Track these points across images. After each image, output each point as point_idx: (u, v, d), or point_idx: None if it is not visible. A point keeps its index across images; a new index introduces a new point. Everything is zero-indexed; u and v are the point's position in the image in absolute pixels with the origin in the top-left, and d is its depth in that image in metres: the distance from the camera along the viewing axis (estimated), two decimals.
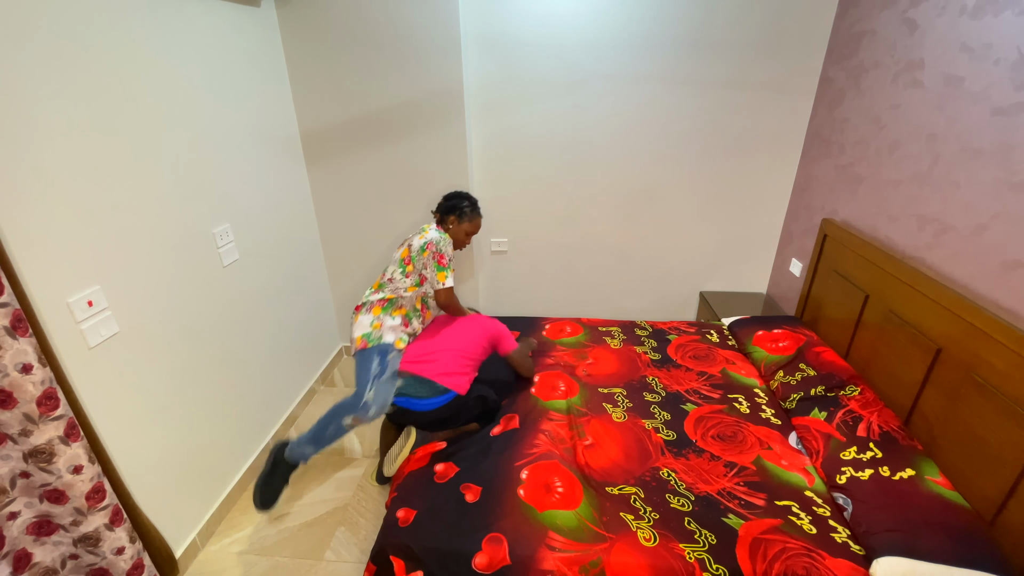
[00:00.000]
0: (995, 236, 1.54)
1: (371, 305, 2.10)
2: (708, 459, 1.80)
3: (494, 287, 3.20)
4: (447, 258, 2.09)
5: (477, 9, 2.44)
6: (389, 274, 2.15)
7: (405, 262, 2.10)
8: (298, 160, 2.71)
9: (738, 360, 2.37)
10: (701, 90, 2.56)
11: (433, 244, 2.08)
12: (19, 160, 1.28)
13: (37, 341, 1.29)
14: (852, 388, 1.91)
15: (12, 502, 1.32)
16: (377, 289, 2.15)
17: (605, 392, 2.16)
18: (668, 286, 3.11)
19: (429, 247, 2.07)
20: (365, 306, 2.11)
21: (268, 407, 2.48)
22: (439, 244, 2.08)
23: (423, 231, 2.15)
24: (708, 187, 2.80)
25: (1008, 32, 1.51)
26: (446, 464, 1.79)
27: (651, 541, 1.47)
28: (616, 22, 2.44)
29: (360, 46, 2.47)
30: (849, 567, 1.39)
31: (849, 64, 2.27)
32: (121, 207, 1.59)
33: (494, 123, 2.70)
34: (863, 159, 2.17)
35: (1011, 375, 1.41)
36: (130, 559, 1.54)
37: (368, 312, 2.09)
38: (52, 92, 1.36)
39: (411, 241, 2.13)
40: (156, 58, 1.71)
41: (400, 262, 2.11)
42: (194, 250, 1.92)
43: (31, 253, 1.32)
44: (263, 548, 1.99)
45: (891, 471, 1.58)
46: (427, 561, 1.47)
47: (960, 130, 1.68)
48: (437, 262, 2.07)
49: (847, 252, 2.21)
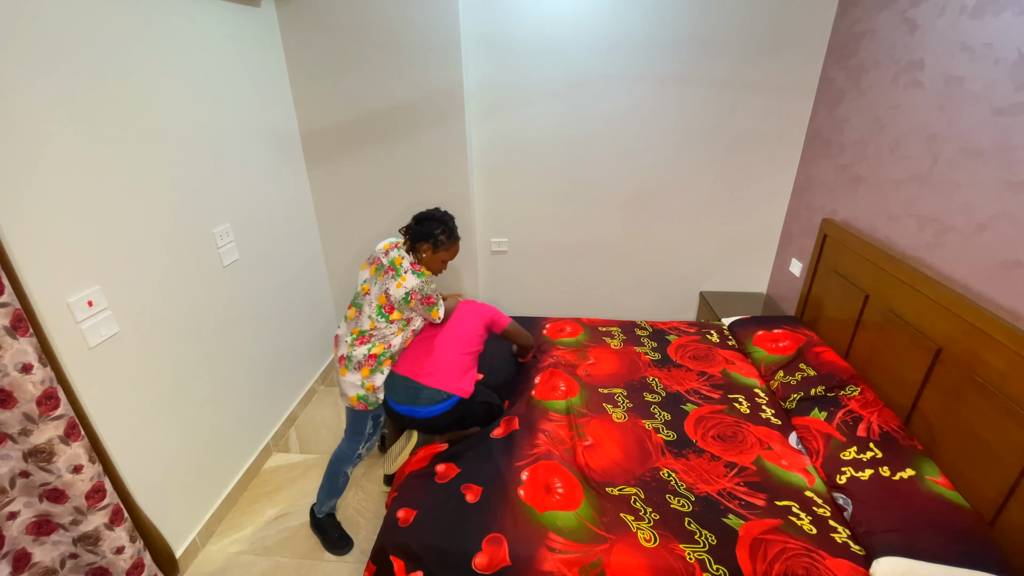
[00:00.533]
0: (995, 236, 1.54)
1: (359, 364, 1.83)
2: (708, 459, 1.80)
3: (494, 287, 3.20)
4: (434, 297, 1.86)
5: (477, 9, 2.44)
6: (368, 320, 1.84)
7: (385, 309, 1.82)
8: (298, 160, 2.71)
9: (738, 360, 2.37)
10: (701, 90, 2.56)
11: (417, 293, 1.80)
12: (19, 160, 1.28)
13: (37, 341, 1.29)
14: (852, 388, 1.91)
15: (12, 502, 1.32)
16: (360, 339, 1.84)
17: (605, 392, 2.16)
18: (668, 286, 3.11)
19: (413, 296, 1.80)
20: (351, 363, 1.83)
21: (268, 407, 2.48)
22: (423, 290, 1.82)
23: (396, 269, 1.82)
24: (708, 187, 2.80)
25: (1008, 32, 1.51)
26: (447, 465, 1.79)
27: (651, 542, 1.47)
28: (616, 22, 2.44)
29: (360, 46, 2.47)
30: (849, 567, 1.39)
31: (849, 64, 2.27)
32: (121, 207, 1.59)
33: (494, 123, 2.70)
34: (863, 159, 2.17)
35: (1011, 375, 1.41)
36: (130, 558, 1.54)
37: (356, 371, 1.83)
38: (52, 92, 1.36)
39: (387, 286, 1.80)
40: (156, 58, 1.71)
41: (379, 310, 1.82)
42: (194, 250, 1.92)
43: (31, 253, 1.32)
44: (263, 548, 1.99)
45: (891, 471, 1.58)
46: (427, 561, 1.47)
47: (960, 130, 1.68)
48: (425, 304, 1.84)
49: (847, 252, 2.21)
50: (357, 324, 1.85)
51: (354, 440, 1.94)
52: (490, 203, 2.92)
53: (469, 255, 2.96)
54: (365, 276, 1.90)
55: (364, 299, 1.86)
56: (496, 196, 2.89)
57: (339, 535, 2.00)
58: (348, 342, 1.85)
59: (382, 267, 1.85)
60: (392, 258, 1.86)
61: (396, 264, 1.84)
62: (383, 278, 1.83)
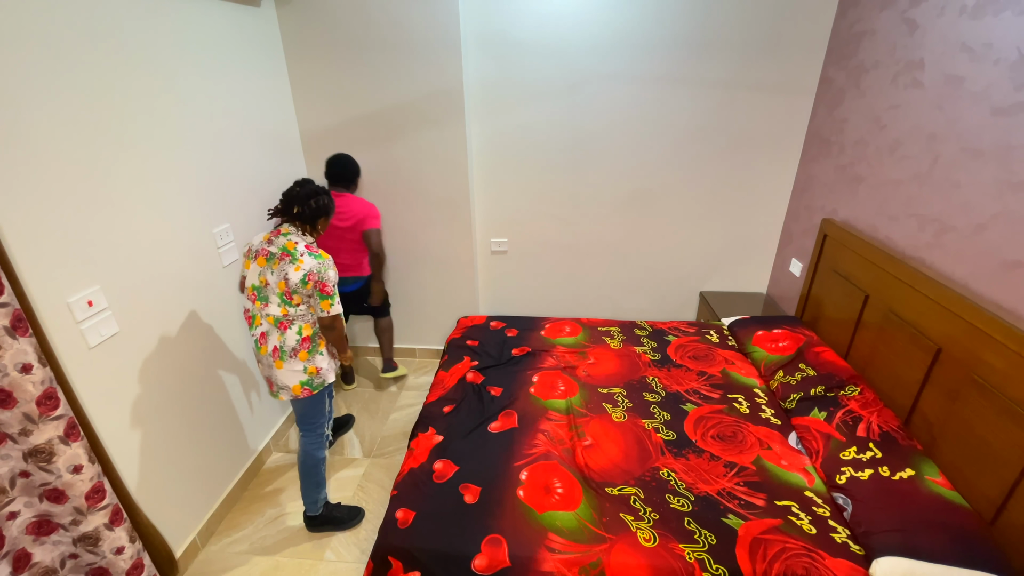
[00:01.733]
0: (995, 236, 1.54)
1: (293, 351, 1.77)
2: (708, 459, 1.80)
3: (494, 287, 3.20)
4: (331, 286, 1.75)
5: (477, 9, 2.44)
6: (278, 308, 1.75)
7: (286, 296, 1.73)
8: (298, 160, 2.71)
9: (738, 360, 2.37)
10: (701, 90, 2.56)
11: (314, 274, 1.71)
12: (19, 160, 1.29)
13: (37, 341, 1.29)
14: (852, 388, 1.91)
15: (12, 502, 1.33)
16: (281, 324, 1.76)
17: (605, 392, 2.16)
18: (668, 286, 3.11)
19: (310, 278, 1.70)
20: (285, 353, 1.77)
21: (268, 407, 2.48)
22: (321, 273, 1.72)
23: (292, 253, 1.72)
24: (708, 187, 2.80)
25: (1008, 32, 1.51)
26: (444, 462, 1.79)
27: (651, 541, 1.47)
28: (616, 22, 2.44)
29: (360, 46, 2.47)
30: (849, 567, 1.39)
31: (849, 64, 2.27)
32: (121, 207, 1.59)
33: (494, 123, 2.70)
34: (863, 159, 2.17)
35: (1011, 375, 1.41)
36: (130, 559, 1.55)
37: (294, 358, 1.78)
38: (51, 92, 1.36)
39: (285, 272, 1.71)
40: (156, 58, 1.71)
41: (281, 297, 1.73)
42: (194, 250, 1.93)
43: (31, 253, 1.32)
44: (263, 548, 1.99)
45: (891, 471, 1.58)
46: (426, 563, 1.47)
47: (960, 130, 1.68)
48: (320, 291, 1.73)
49: (847, 252, 2.21)
50: (269, 313, 1.76)
51: (311, 430, 1.94)
52: (490, 203, 2.92)
53: (469, 255, 2.96)
54: (257, 270, 1.77)
55: (266, 290, 1.75)
56: (496, 196, 2.89)
57: (346, 512, 2.06)
58: (276, 332, 1.77)
59: (273, 256, 1.74)
60: (282, 244, 1.75)
61: (289, 249, 1.74)
62: (278, 265, 1.73)
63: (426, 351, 3.31)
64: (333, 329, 1.84)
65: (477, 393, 2.17)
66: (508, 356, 2.45)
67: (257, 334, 1.80)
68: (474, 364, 2.37)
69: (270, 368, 1.81)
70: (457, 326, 2.79)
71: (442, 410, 2.08)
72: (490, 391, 2.17)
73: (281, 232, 1.78)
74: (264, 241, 1.79)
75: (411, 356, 3.33)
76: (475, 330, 2.70)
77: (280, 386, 1.81)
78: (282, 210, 1.79)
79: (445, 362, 2.44)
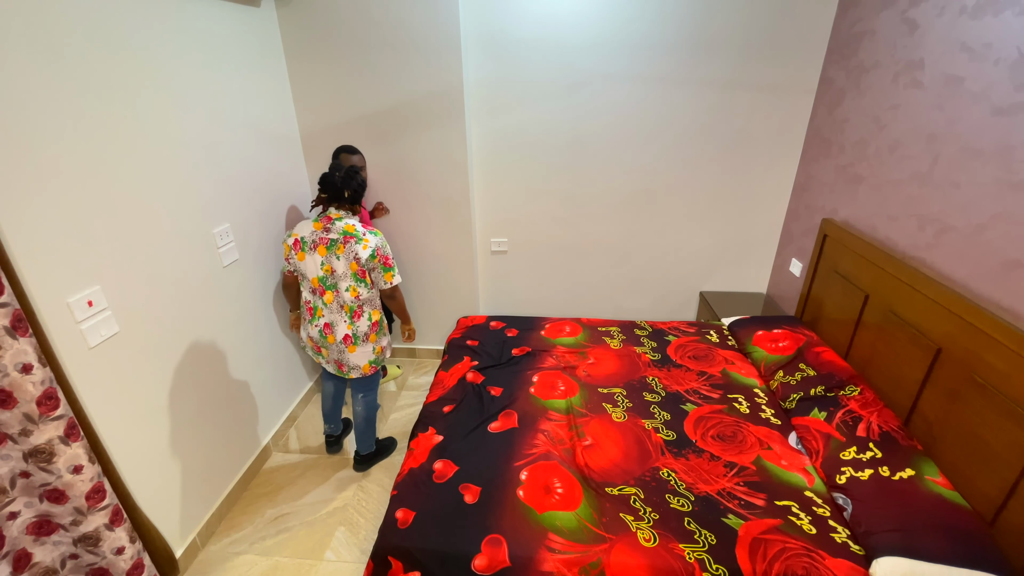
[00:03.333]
0: (995, 236, 1.54)
1: (365, 336, 2.03)
2: (708, 459, 1.80)
3: (494, 287, 3.20)
4: (391, 257, 1.97)
5: (477, 9, 2.44)
6: (350, 291, 1.93)
7: (360, 275, 1.91)
8: (298, 160, 2.71)
9: (738, 360, 2.37)
10: (701, 90, 2.56)
11: (380, 250, 1.91)
12: (19, 160, 1.28)
13: (37, 341, 1.29)
14: (852, 388, 1.91)
15: (12, 502, 1.32)
16: (355, 314, 1.98)
17: (605, 392, 2.16)
18: (668, 286, 3.11)
19: (378, 253, 1.90)
20: (358, 339, 2.01)
21: (268, 407, 2.48)
22: (384, 248, 1.94)
23: (355, 235, 1.87)
24: (708, 187, 2.80)
25: (1008, 32, 1.51)
26: (444, 462, 1.79)
27: (651, 541, 1.47)
28: (616, 22, 2.44)
29: (360, 46, 2.47)
30: (849, 567, 1.39)
31: (849, 64, 2.27)
32: (121, 207, 1.59)
33: (494, 123, 2.70)
34: (863, 159, 2.17)
35: (1011, 375, 1.41)
36: (130, 559, 1.55)
37: (366, 342, 2.04)
38: (51, 92, 1.36)
39: (354, 252, 1.86)
40: (156, 58, 1.71)
41: (355, 277, 1.91)
42: (194, 250, 1.92)
43: (31, 253, 1.32)
44: (263, 548, 1.99)
45: (891, 471, 1.58)
46: (426, 563, 1.47)
47: (960, 130, 1.68)
48: (384, 264, 1.93)
49: (847, 252, 2.21)
50: (342, 302, 1.96)
51: (371, 390, 2.25)
52: (490, 203, 2.92)
53: (469, 255, 2.96)
54: (319, 259, 1.90)
55: (334, 277, 1.91)
56: (496, 196, 2.89)
57: (388, 441, 2.47)
58: (346, 321, 1.99)
59: (335, 242, 1.87)
60: (341, 228, 1.88)
61: (350, 231, 1.88)
62: (343, 249, 1.86)
63: (426, 351, 3.31)
64: (394, 299, 2.06)
65: (477, 393, 2.17)
66: (508, 356, 2.45)
67: (320, 324, 2.00)
68: (474, 364, 2.37)
69: (341, 353, 2.03)
70: (457, 326, 2.79)
71: (442, 410, 2.08)
72: (490, 391, 2.17)
73: (333, 218, 1.91)
74: (319, 230, 1.89)
75: (411, 356, 3.33)
76: (475, 330, 2.70)
77: (351, 366, 2.07)
78: (331, 197, 1.93)
79: (445, 362, 2.44)
